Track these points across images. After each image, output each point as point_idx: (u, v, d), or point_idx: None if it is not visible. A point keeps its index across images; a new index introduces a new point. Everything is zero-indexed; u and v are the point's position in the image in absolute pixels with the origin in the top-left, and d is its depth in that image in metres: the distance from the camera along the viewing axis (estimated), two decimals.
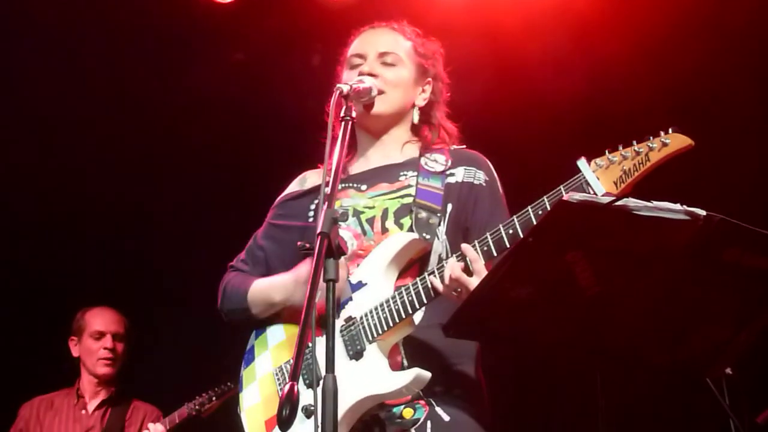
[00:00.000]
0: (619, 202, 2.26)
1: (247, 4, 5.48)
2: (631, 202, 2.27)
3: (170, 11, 5.35)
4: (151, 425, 5.19)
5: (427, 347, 2.93)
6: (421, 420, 2.87)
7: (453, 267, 2.76)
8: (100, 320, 5.40)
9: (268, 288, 3.15)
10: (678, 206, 2.29)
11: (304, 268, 3.02)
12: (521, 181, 3.52)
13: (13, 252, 5.97)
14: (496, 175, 3.16)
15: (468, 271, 2.75)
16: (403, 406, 2.89)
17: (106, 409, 5.35)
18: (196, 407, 5.17)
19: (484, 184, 3.10)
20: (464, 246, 2.80)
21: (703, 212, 2.28)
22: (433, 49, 3.28)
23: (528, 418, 5.47)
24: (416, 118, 3.21)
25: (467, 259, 2.76)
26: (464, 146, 3.24)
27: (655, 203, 2.28)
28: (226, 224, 5.18)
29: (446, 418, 2.88)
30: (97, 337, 5.35)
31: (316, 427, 2.23)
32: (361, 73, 3.08)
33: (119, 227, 6.06)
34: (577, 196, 2.28)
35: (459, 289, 2.76)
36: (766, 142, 4.91)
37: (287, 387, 2.16)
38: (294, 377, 2.18)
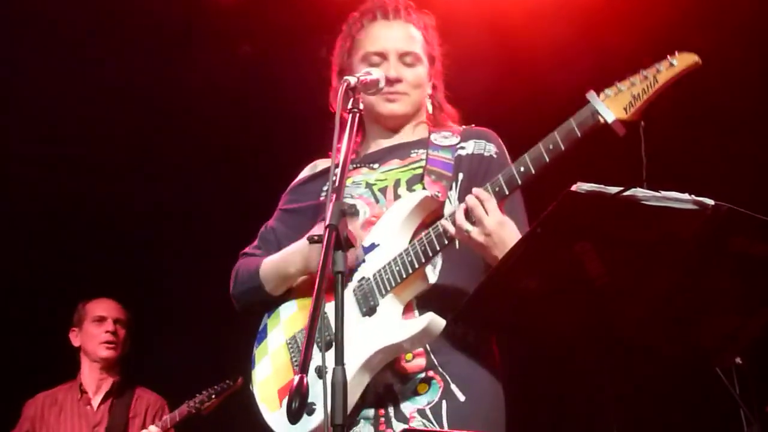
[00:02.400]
0: (627, 192, 2.25)
1: None
2: (640, 192, 2.27)
3: (176, 4, 5.34)
4: (152, 427, 5.20)
5: (443, 311, 2.82)
6: (436, 400, 2.83)
7: (465, 206, 2.73)
8: (101, 306, 5.45)
9: (281, 261, 3.09)
10: (686, 196, 2.29)
11: (316, 230, 2.94)
12: None
13: (16, 248, 5.98)
14: (505, 149, 3.16)
15: (481, 209, 2.72)
16: (419, 380, 2.85)
17: (111, 402, 5.34)
18: (196, 405, 5.17)
19: (494, 156, 3.10)
20: (476, 189, 2.77)
21: (711, 202, 2.28)
22: (433, 33, 3.28)
23: (534, 409, 5.47)
24: (430, 108, 3.23)
25: (480, 199, 2.73)
26: (473, 125, 3.24)
27: (664, 193, 2.28)
28: (232, 219, 5.18)
29: (462, 398, 2.83)
30: (98, 321, 5.38)
31: (326, 419, 2.22)
32: (388, 81, 3.02)
33: (124, 220, 6.05)
34: (585, 187, 2.27)
35: (470, 230, 2.72)
36: None
37: (296, 379, 2.13)
38: (303, 369, 2.15)
